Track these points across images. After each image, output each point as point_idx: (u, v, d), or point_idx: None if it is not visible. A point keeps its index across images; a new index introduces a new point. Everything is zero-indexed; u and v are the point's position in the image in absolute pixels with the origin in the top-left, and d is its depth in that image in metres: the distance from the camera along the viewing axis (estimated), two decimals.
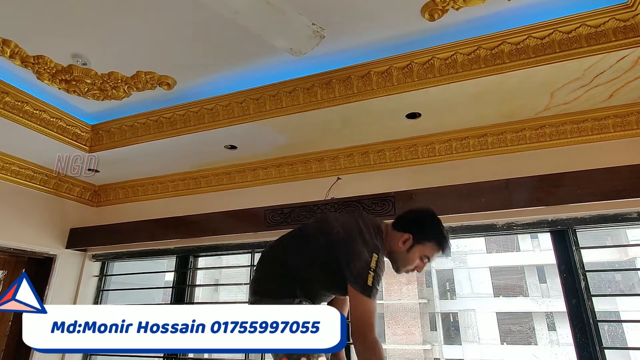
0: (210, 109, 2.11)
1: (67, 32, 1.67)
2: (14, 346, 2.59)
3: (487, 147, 2.13)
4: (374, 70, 1.82)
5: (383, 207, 2.10)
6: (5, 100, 1.97)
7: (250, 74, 1.94)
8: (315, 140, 2.29)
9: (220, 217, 2.47)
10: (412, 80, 1.78)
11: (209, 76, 1.97)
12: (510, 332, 14.15)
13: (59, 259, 2.75)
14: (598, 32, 1.53)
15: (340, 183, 2.34)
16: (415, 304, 14.95)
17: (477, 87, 1.76)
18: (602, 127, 1.94)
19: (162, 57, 1.83)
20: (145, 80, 1.97)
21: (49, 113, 2.15)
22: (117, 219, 2.87)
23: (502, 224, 2.05)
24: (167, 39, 1.70)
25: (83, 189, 2.95)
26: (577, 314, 1.87)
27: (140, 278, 3.18)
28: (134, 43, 1.74)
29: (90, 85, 1.99)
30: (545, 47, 1.59)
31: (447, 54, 1.71)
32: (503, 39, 1.63)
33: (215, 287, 12.92)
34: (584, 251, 1.93)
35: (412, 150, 2.25)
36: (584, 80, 1.71)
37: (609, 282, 13.10)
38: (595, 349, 1.78)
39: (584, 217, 1.92)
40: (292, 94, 1.96)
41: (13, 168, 2.50)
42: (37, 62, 1.83)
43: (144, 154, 2.45)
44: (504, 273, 14.99)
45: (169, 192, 2.84)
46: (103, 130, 2.35)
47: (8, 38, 1.70)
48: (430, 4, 1.51)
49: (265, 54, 1.78)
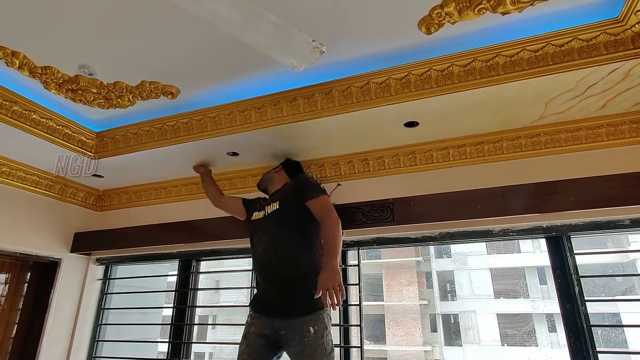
0: (213, 117, 2.16)
1: (75, 44, 1.72)
2: (20, 349, 2.64)
3: (483, 154, 2.18)
4: (373, 80, 1.87)
5: (382, 214, 2.15)
6: (14, 109, 2.02)
7: (253, 83, 1.99)
8: (315, 147, 2.34)
9: (222, 222, 2.51)
10: (410, 90, 1.83)
11: (212, 86, 2.02)
12: (510, 333, 14.17)
13: (64, 263, 2.80)
14: (590, 46, 1.57)
15: (340, 189, 2.39)
16: (415, 306, 14.99)
17: (473, 97, 1.81)
18: (595, 135, 1.99)
19: (166, 67, 1.88)
20: (149, 89, 2.02)
21: (55, 121, 2.20)
22: (120, 223, 2.93)
23: (499, 230, 2.09)
24: (171, 49, 1.75)
25: (87, 193, 3.00)
26: (571, 318, 1.91)
27: (142, 280, 3.23)
28: (139, 53, 1.78)
29: (95, 94, 2.04)
30: (539, 59, 1.64)
31: (444, 66, 1.76)
32: (498, 51, 1.68)
33: (215, 289, 12.98)
34: (584, 254, 1.96)
35: (410, 158, 2.30)
36: (577, 91, 1.75)
37: (610, 283, 13.13)
38: (588, 352, 1.82)
39: (577, 224, 1.96)
40: (293, 103, 2.01)
41: (19, 174, 2.55)
42: (44, 73, 1.88)
43: (147, 160, 2.50)
44: (504, 275, 15.02)
45: (172, 197, 2.89)
46: (108, 138, 2.40)
47: (17, 50, 1.75)
48: (426, 18, 1.56)
49: (267, 65, 1.83)
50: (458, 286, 15.57)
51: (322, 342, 1.64)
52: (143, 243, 2.77)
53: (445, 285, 15.98)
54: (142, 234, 2.77)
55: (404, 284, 15.64)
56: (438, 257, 16.37)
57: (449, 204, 2.05)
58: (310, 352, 1.62)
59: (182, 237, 2.66)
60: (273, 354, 1.77)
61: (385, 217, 2.13)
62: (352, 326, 2.28)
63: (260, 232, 1.95)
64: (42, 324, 2.63)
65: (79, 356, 2.77)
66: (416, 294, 15.29)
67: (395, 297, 15.43)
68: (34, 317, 2.69)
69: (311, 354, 1.62)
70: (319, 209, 1.87)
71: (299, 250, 1.84)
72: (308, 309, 1.68)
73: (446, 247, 15.76)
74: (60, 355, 2.69)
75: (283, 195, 2.00)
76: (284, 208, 1.93)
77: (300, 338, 1.64)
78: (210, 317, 16.14)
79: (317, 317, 1.68)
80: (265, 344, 1.75)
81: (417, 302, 15.06)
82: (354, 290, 2.42)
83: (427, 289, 15.84)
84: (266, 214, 1.97)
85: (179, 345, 2.58)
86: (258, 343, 1.76)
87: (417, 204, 2.11)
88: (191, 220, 2.66)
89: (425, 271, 16.06)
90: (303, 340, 1.64)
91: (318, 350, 1.62)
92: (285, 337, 1.70)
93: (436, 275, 15.89)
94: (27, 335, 2.66)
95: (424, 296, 15.50)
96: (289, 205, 1.93)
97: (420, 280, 15.74)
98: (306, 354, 1.62)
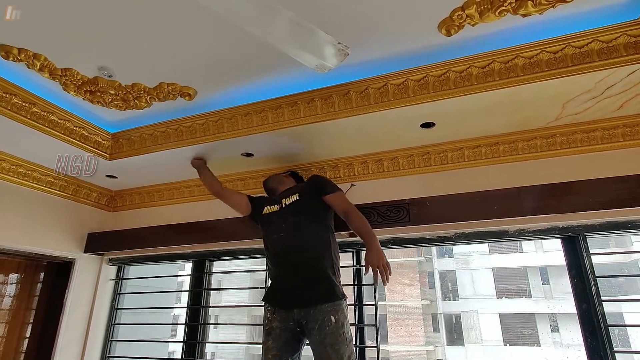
0: (229, 118, 2.17)
1: (95, 46, 1.73)
2: (36, 348, 2.66)
3: (498, 155, 2.19)
4: (390, 82, 1.88)
5: (398, 214, 2.15)
6: (33, 110, 2.03)
7: (269, 85, 2.00)
8: (330, 147, 2.35)
9: (236, 222, 2.52)
10: (428, 92, 1.84)
11: (229, 87, 2.03)
12: (513, 333, 14.17)
13: (78, 263, 2.82)
14: (609, 47, 1.59)
15: (354, 190, 2.39)
16: (417, 305, 14.98)
17: (490, 99, 1.82)
18: (611, 136, 2.00)
19: (185, 68, 1.89)
20: (167, 91, 2.03)
21: (72, 122, 2.21)
22: (132, 224, 2.94)
23: (514, 231, 2.10)
24: (190, 50, 1.76)
25: (100, 194, 3.01)
26: (587, 318, 1.92)
27: (153, 280, 3.25)
28: (158, 55, 1.79)
29: (114, 96, 2.06)
30: (558, 61, 1.65)
31: (462, 67, 1.77)
32: (517, 53, 1.69)
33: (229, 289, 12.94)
34: (600, 255, 1.97)
35: (425, 158, 2.31)
36: (595, 92, 1.76)
37: (612, 284, 13.12)
38: (606, 352, 1.83)
39: (594, 224, 1.97)
40: (311, 105, 2.02)
41: (35, 175, 2.57)
42: (64, 75, 1.90)
43: (162, 161, 2.51)
44: (506, 274, 15.02)
45: (185, 197, 2.90)
46: (123, 139, 2.42)
47: (39, 52, 1.76)
48: (447, 20, 1.57)
49: (283, 66, 1.84)
50: (460, 286, 15.57)
51: (343, 330, 1.68)
52: (156, 244, 2.78)
53: (448, 285, 15.97)
54: (154, 235, 2.78)
55: (406, 283, 15.63)
56: (440, 257, 16.37)
57: (465, 205, 2.06)
58: (331, 340, 1.65)
59: (194, 238, 2.66)
60: (299, 344, 1.81)
61: (401, 217, 2.14)
62: (367, 326, 2.29)
63: (275, 223, 1.99)
64: (57, 324, 2.64)
65: (93, 355, 2.78)
66: (418, 294, 15.27)
67: (398, 296, 15.41)
68: (49, 317, 2.70)
69: (332, 343, 1.64)
70: (340, 202, 1.97)
71: (317, 238, 1.89)
72: (326, 297, 1.73)
73: (448, 247, 15.77)
74: (75, 354, 2.70)
75: (300, 190, 2.06)
76: (304, 199, 1.99)
77: (322, 327, 1.67)
78: (213, 317, 16.14)
79: (337, 306, 1.72)
80: (291, 336, 1.78)
81: (419, 302, 15.05)
82: (367, 291, 2.43)
83: (429, 289, 15.83)
84: (283, 206, 2.02)
85: (194, 345, 2.59)
86: (284, 337, 1.78)
87: (433, 204, 2.11)
88: (204, 220, 2.67)
89: (428, 271, 16.06)
90: (324, 329, 1.67)
91: (339, 339, 1.65)
92: (307, 326, 1.73)
93: (438, 275, 15.88)
94: (42, 335, 2.68)
95: (426, 296, 15.49)
96: (308, 197, 2.00)
97: (422, 280, 15.73)
98: (327, 342, 1.65)
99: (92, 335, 2.81)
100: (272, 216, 2.03)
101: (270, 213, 2.05)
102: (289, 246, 1.88)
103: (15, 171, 2.47)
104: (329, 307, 1.70)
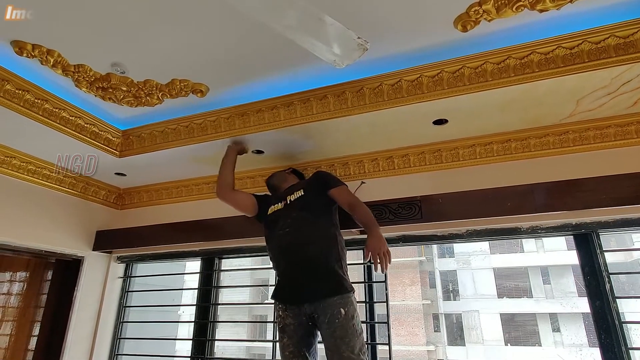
0: (241, 114, 2.17)
1: (108, 42, 1.72)
2: (45, 346, 2.65)
3: (510, 152, 2.19)
4: (404, 78, 1.87)
5: (410, 211, 2.15)
6: (45, 107, 2.03)
7: (282, 81, 2.00)
8: (341, 145, 2.34)
9: (244, 220, 2.51)
10: (442, 88, 1.83)
11: (241, 84, 2.02)
12: (514, 333, 14.16)
13: (86, 261, 2.81)
14: (626, 43, 1.58)
15: (364, 187, 2.39)
16: (418, 305, 14.97)
17: (505, 95, 1.81)
18: (625, 133, 1.99)
19: (197, 65, 1.88)
20: (179, 87, 2.02)
21: (84, 119, 2.21)
22: (141, 221, 2.93)
23: (527, 227, 2.10)
24: (203, 47, 1.75)
25: (108, 192, 3.01)
26: (601, 315, 1.92)
27: (161, 278, 3.24)
28: (171, 51, 1.79)
29: (125, 92, 2.05)
30: (574, 57, 1.64)
31: (477, 63, 1.77)
32: (533, 48, 1.69)
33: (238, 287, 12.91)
34: (613, 252, 1.97)
35: (436, 155, 2.31)
36: (611, 89, 1.76)
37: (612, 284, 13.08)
38: (620, 349, 1.83)
39: (607, 221, 1.97)
40: (323, 101, 2.01)
41: (44, 172, 2.56)
42: (77, 71, 1.89)
43: (171, 158, 2.50)
44: (507, 274, 15.01)
45: (193, 195, 2.89)
46: (134, 136, 2.41)
47: (52, 48, 1.75)
48: (463, 15, 1.57)
49: (296, 63, 1.84)
50: (461, 286, 15.56)
51: (353, 323, 1.68)
52: (163, 242, 2.77)
53: (448, 284, 15.97)
54: (162, 233, 2.77)
55: (407, 283, 15.62)
56: (441, 256, 16.37)
57: (477, 201, 2.05)
58: (342, 333, 1.65)
59: (203, 236, 2.65)
60: (313, 339, 1.82)
61: (413, 214, 2.14)
62: (378, 323, 2.29)
63: (281, 219, 1.98)
64: (66, 322, 2.64)
65: (101, 353, 2.78)
66: (419, 294, 15.26)
67: (398, 296, 15.40)
68: (57, 315, 2.69)
69: (342, 336, 1.65)
70: (344, 195, 1.99)
71: (323, 233, 1.89)
72: (335, 290, 1.73)
73: (449, 246, 15.75)
74: (84, 352, 2.70)
75: (305, 185, 2.07)
76: (308, 195, 2.00)
77: (331, 320, 1.68)
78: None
79: (346, 299, 1.72)
80: (305, 331, 1.79)
81: (420, 301, 15.04)
82: (377, 288, 2.43)
83: (430, 289, 15.82)
84: (287, 202, 2.02)
85: (203, 342, 2.58)
86: (299, 333, 1.79)
87: (445, 201, 2.11)
88: (212, 218, 2.66)
89: (428, 271, 16.05)
90: (334, 322, 1.67)
91: (349, 332, 1.66)
92: (318, 319, 1.74)
93: (439, 275, 15.88)
94: (50, 333, 2.67)
95: (427, 296, 15.48)
96: (313, 192, 2.01)
97: (423, 279, 15.73)
98: (337, 335, 1.65)
99: (101, 333, 2.81)
100: (277, 214, 2.03)
101: (275, 211, 2.05)
102: (295, 241, 1.88)
103: (26, 168, 2.46)
104: (338, 300, 1.70)
